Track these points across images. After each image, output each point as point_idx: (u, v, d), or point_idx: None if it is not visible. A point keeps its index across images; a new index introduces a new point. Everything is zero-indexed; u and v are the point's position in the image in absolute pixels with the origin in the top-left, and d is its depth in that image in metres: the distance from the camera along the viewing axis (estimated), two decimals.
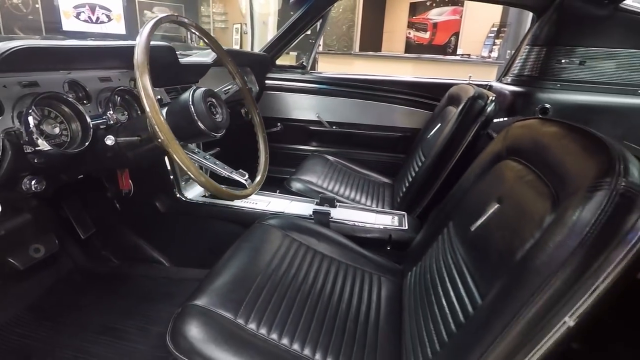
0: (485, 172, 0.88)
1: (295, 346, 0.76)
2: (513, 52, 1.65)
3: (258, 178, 0.97)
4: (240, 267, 0.90)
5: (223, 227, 1.32)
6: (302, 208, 1.31)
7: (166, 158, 1.27)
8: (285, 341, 0.76)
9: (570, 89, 1.46)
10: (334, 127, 1.98)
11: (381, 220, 1.27)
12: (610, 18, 1.38)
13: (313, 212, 1.26)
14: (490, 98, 1.27)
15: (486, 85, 1.71)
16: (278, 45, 1.89)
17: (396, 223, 1.25)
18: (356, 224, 1.25)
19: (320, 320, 0.83)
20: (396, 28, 6.99)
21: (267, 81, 1.98)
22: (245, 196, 0.89)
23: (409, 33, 6.79)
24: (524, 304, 0.51)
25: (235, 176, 0.87)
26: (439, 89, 1.75)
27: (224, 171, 0.86)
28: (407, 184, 1.48)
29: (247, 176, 0.90)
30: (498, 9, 4.71)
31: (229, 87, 1.26)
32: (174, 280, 1.31)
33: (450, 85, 1.63)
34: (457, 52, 5.50)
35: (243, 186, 0.93)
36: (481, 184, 0.88)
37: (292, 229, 1.12)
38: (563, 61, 1.50)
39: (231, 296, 0.80)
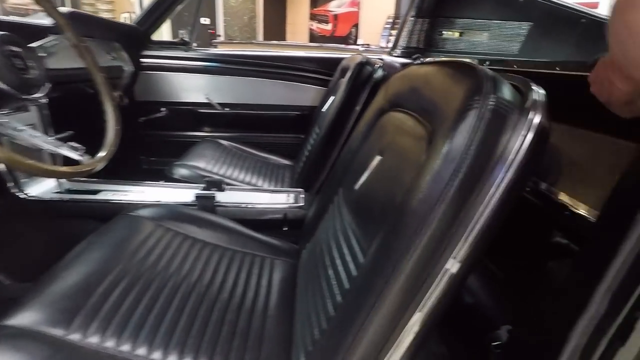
0: (370, 130, 0.82)
1: (156, 355, 0.60)
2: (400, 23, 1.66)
3: (103, 153, 0.77)
4: (82, 268, 0.71)
5: (82, 226, 1.08)
6: (184, 195, 1.13)
7: None
8: (141, 351, 0.60)
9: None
10: (226, 108, 1.81)
11: (275, 199, 1.15)
12: None
13: (195, 197, 1.09)
14: (378, 64, 1.23)
15: (378, 59, 1.70)
16: (151, 19, 1.65)
17: (292, 201, 1.14)
18: (247, 206, 1.11)
19: (191, 317, 0.68)
20: (298, 20, 6.97)
21: (144, 60, 1.72)
22: (80, 173, 0.69)
23: (312, 25, 6.82)
24: (403, 253, 0.43)
25: (64, 151, 0.67)
26: (332, 63, 1.69)
27: (47, 145, 0.66)
28: (304, 161, 1.39)
29: (82, 151, 0.70)
30: (392, 0, 4.93)
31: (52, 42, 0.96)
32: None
33: (343, 59, 1.58)
34: (358, 43, 5.68)
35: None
36: (367, 143, 0.81)
37: (167, 219, 0.94)
38: (444, 33, 1.54)
39: (62, 305, 0.61)
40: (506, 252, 0.94)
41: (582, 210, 0.59)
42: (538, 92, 0.45)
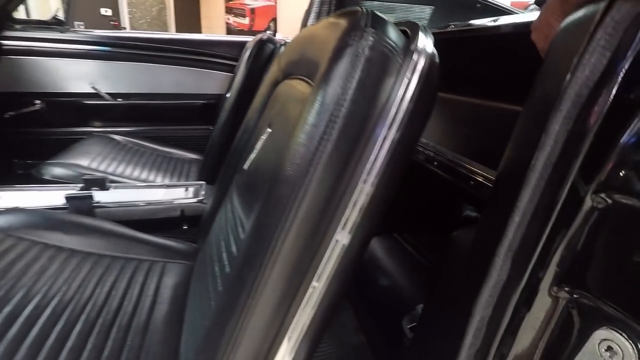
0: (265, 105, 0.72)
1: None
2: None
3: None
4: None
5: None
6: (52, 198, 0.93)
7: None
8: None
9: None
10: (119, 99, 1.58)
11: (171, 195, 1.00)
12: None
13: (66, 198, 0.90)
14: (281, 42, 1.14)
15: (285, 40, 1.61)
16: None
17: (190, 195, 1.00)
18: (136, 204, 0.95)
19: (35, 348, 0.52)
20: (214, 14, 6.64)
21: (4, 42, 1.43)
22: None
23: (228, 19, 6.54)
24: (280, 226, 0.34)
25: None
26: (239, 47, 1.57)
27: None
28: (207, 153, 1.25)
29: None
30: None
31: None
32: None
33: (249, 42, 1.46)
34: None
35: None
36: (261, 119, 0.71)
37: (22, 227, 0.75)
38: None
39: None
40: (418, 228, 0.91)
41: (482, 179, 0.56)
42: (426, 36, 0.39)
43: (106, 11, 5.64)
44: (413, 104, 0.34)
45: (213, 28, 6.65)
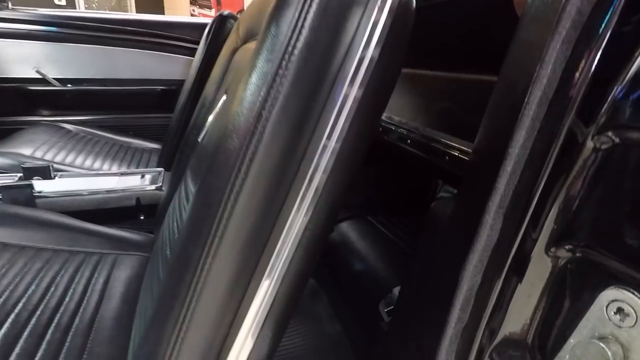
0: (223, 75, 0.65)
1: None
2: None
3: None
4: None
5: None
6: None
7: None
8: None
9: None
10: (69, 85, 1.45)
11: (126, 183, 0.91)
12: None
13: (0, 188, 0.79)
14: None
15: None
16: None
17: (147, 182, 0.92)
18: (83, 194, 0.85)
19: None
20: (178, 5, 6.39)
21: None
22: None
23: (193, 10, 6.31)
24: (231, 186, 0.28)
25: None
26: (201, 29, 1.47)
27: None
28: (167, 139, 1.16)
29: None
30: None
31: None
32: None
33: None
34: None
35: None
36: (219, 91, 0.64)
37: None
38: None
39: None
40: (393, 210, 0.87)
41: (459, 153, 0.52)
42: None
43: (60, 0, 5.30)
44: (387, 40, 0.29)
45: None
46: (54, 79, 1.41)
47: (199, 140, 0.53)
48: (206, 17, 6.13)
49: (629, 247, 0.23)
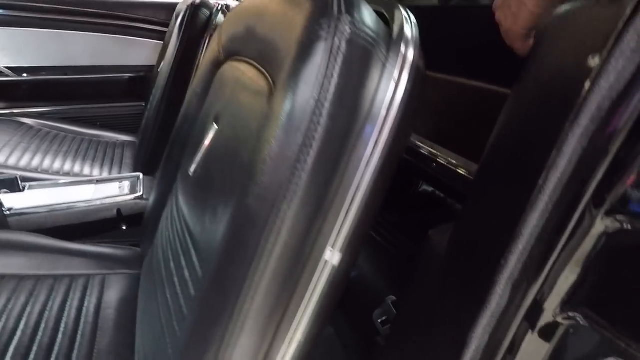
0: (207, 91, 0.62)
1: None
2: None
3: None
4: None
5: None
6: None
7: None
8: None
9: None
10: (24, 74, 1.33)
11: (103, 192, 0.87)
12: None
13: None
14: (217, 7, 1.00)
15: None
16: None
17: (126, 191, 0.88)
18: (59, 209, 0.81)
19: None
20: None
21: None
22: None
23: None
24: (257, 249, 0.28)
25: None
26: (168, 10, 1.37)
27: None
28: (144, 135, 1.10)
29: None
30: None
31: None
32: None
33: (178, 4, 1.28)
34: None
35: None
36: (203, 109, 0.61)
37: None
38: None
39: None
40: (387, 219, 0.88)
41: (462, 170, 0.52)
42: (408, 18, 0.32)
43: None
44: (405, 102, 0.28)
45: None
46: (6, 67, 1.29)
47: (190, 171, 0.50)
48: None
49: (628, 323, 0.25)
